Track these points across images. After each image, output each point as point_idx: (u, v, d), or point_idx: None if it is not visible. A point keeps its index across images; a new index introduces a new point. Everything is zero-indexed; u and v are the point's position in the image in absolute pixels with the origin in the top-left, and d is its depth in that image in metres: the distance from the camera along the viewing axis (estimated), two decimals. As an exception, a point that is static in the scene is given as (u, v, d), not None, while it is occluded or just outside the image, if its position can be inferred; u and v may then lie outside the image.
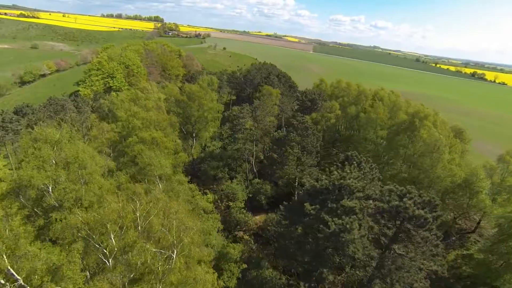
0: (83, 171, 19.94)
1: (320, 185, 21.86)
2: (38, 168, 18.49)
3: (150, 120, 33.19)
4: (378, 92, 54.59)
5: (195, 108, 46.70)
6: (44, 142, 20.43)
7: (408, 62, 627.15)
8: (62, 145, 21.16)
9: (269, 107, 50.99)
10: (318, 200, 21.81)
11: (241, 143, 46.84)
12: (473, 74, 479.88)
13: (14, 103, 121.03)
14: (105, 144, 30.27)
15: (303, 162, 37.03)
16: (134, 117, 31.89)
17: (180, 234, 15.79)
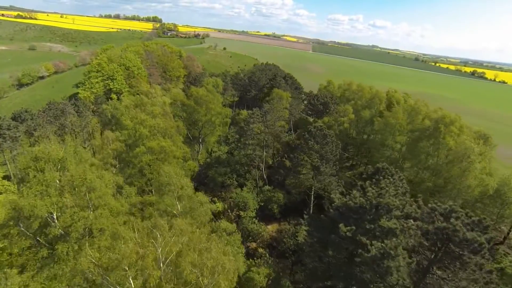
0: (92, 194, 17.71)
1: (354, 203, 19.73)
2: (41, 194, 16.21)
3: (158, 128, 30.97)
4: (393, 95, 52.46)
5: (202, 113, 44.46)
6: (46, 161, 18.18)
7: (408, 61, 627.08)
8: (67, 163, 18.91)
9: (280, 111, 48.81)
10: (352, 220, 19.69)
11: (251, 149, 44.63)
12: (473, 73, 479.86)
13: (12, 106, 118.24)
14: (111, 155, 28.09)
15: (321, 172, 34.86)
16: (141, 125, 29.68)
17: (215, 276, 13.42)
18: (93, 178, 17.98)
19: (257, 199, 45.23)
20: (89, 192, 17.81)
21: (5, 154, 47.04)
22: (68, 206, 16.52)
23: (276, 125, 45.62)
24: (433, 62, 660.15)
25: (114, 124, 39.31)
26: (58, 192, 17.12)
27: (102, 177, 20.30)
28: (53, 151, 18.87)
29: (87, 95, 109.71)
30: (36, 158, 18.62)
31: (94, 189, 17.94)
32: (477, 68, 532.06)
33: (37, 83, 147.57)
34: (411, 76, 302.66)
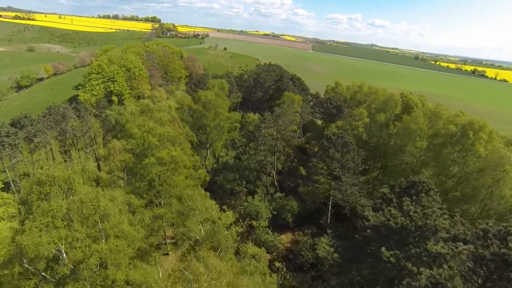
0: (105, 223, 15.58)
1: (395, 223, 17.70)
2: (46, 227, 14.08)
3: (167, 136, 28.88)
4: (410, 98, 50.34)
5: (210, 118, 42.33)
6: (51, 184, 16.05)
7: (407, 60, 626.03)
8: (74, 185, 16.78)
9: (291, 115, 46.70)
10: (393, 242, 17.68)
11: (262, 156, 42.53)
12: (473, 71, 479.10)
13: (11, 109, 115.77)
14: (119, 167, 26.00)
15: (343, 182, 32.77)
16: (149, 133, 27.58)
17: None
18: (106, 204, 15.79)
19: (270, 208, 43.17)
20: (102, 221, 15.66)
21: (4, 162, 44.83)
22: (78, 239, 14.40)
23: (288, 130, 43.56)
24: (433, 61, 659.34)
25: (119, 131, 37.15)
26: (66, 223, 14.95)
27: (114, 198, 18.16)
28: (59, 172, 16.70)
29: (88, 98, 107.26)
30: (40, 182, 16.42)
31: (108, 217, 15.81)
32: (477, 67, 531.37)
33: (36, 85, 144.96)
34: (412, 75, 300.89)
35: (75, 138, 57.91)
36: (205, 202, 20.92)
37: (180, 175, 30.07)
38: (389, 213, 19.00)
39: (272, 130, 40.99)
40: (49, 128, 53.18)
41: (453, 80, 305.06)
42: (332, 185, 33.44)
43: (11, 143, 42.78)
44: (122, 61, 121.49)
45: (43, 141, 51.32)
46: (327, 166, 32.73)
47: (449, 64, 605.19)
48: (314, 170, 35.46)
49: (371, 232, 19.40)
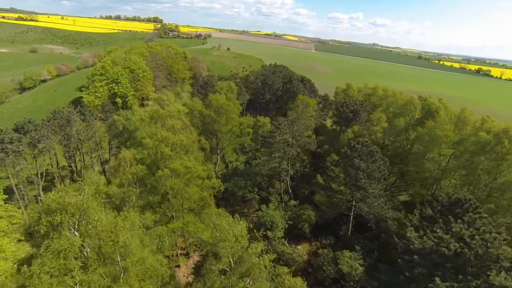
0: (127, 260, 13.60)
1: (448, 249, 15.69)
2: (58, 271, 12.20)
3: (181, 145, 26.93)
4: (432, 102, 48.02)
5: (222, 123, 40.36)
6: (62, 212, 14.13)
7: (411, 59, 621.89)
8: (89, 213, 14.77)
9: (306, 119, 44.64)
10: (446, 270, 15.65)
11: (276, 162, 40.51)
12: (478, 70, 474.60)
13: (14, 112, 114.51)
14: (132, 180, 24.09)
15: (370, 194, 30.66)
16: (162, 142, 25.64)
17: None
18: (127, 238, 13.82)
19: (285, 217, 41.17)
20: (123, 259, 13.72)
21: (8, 169, 43.13)
22: (95, 282, 12.45)
23: (303, 136, 41.52)
24: (436, 60, 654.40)
25: (127, 138, 35.25)
26: (81, 262, 13.06)
27: (133, 224, 16.26)
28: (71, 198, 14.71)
29: (91, 100, 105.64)
30: (49, 210, 14.48)
31: (129, 253, 13.87)
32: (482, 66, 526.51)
33: (39, 86, 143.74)
34: (418, 75, 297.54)
35: (79, 143, 56.20)
36: (233, 229, 18.94)
37: (194, 186, 28.15)
38: (437, 236, 16.95)
39: (287, 136, 38.98)
40: (53, 133, 51.53)
41: (459, 80, 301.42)
42: (356, 196, 31.33)
43: (15, 149, 41.06)
44: (125, 62, 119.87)
45: (48, 146, 49.62)
46: (351, 176, 30.66)
47: (453, 64, 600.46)
48: (336, 180, 33.35)
49: (417, 256, 17.35)
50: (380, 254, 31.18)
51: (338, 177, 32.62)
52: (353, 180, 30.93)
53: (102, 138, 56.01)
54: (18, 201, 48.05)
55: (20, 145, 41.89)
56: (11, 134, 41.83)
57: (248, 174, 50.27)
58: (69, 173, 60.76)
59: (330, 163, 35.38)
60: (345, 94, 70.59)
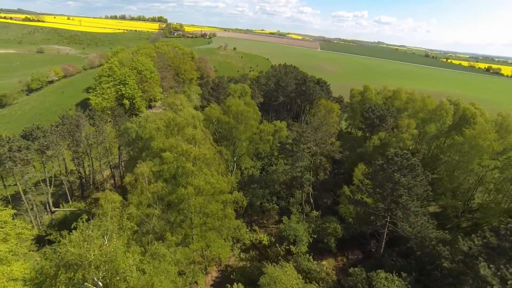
0: None
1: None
2: None
3: (204, 159, 24.40)
4: (468, 108, 44.56)
5: (241, 130, 37.75)
6: (85, 267, 11.84)
7: (418, 58, 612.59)
8: (118, 264, 12.38)
9: (329, 126, 41.77)
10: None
11: (299, 172, 37.80)
12: (487, 69, 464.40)
13: (22, 114, 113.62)
14: (151, 199, 21.68)
15: (412, 212, 27.74)
16: (183, 156, 23.14)
17: None
18: None
19: (309, 230, 38.49)
20: None
21: (17, 177, 41.19)
22: None
23: (327, 144, 38.71)
24: (444, 59, 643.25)
25: (141, 147, 32.85)
26: None
27: (168, 273, 13.94)
28: (95, 251, 12.30)
29: (99, 102, 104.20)
30: (69, 264, 12.11)
31: None
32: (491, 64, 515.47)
33: (47, 88, 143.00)
34: (428, 74, 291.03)
35: (88, 148, 54.23)
36: (288, 278, 16.41)
37: (217, 203, 25.64)
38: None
39: (311, 145, 36.24)
40: (62, 138, 49.59)
41: (471, 79, 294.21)
42: (398, 215, 28.20)
43: (23, 158, 39.04)
44: (133, 63, 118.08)
45: (57, 153, 47.68)
46: (387, 191, 27.82)
47: (461, 62, 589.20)
48: (371, 194, 30.41)
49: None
50: (419, 274, 28.40)
51: (374, 192, 29.72)
52: (391, 196, 28.05)
53: (112, 143, 53.94)
54: (27, 210, 46.29)
55: (29, 153, 39.89)
56: (19, 141, 39.85)
57: (266, 182, 47.69)
58: (78, 178, 58.90)
59: (363, 176, 32.51)
60: (363, 96, 67.42)
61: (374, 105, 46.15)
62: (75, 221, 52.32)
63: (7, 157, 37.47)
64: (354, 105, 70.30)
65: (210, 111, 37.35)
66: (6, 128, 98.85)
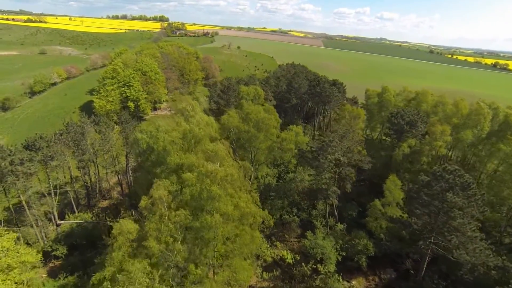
0: None
1: None
2: None
3: (231, 181, 21.24)
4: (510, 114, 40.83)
5: (261, 139, 34.59)
6: None
7: (423, 54, 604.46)
8: None
9: (354, 133, 38.39)
10: None
11: (324, 184, 34.61)
12: (494, 64, 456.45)
13: (25, 117, 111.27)
14: (173, 230, 18.61)
15: (467, 237, 24.40)
16: (207, 177, 20.05)
17: None
18: None
19: (336, 247, 35.35)
20: None
21: (20, 191, 38.33)
22: None
23: (354, 153, 35.48)
24: (449, 55, 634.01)
25: (154, 161, 29.79)
26: None
27: None
28: None
29: (103, 104, 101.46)
30: None
31: None
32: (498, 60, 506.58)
33: (50, 90, 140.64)
34: (436, 71, 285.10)
35: (94, 157, 51.42)
36: None
37: (245, 227, 22.56)
38: None
39: (338, 155, 33.05)
40: (67, 147, 46.74)
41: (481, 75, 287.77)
42: (453, 241, 24.53)
43: (26, 171, 36.19)
44: (137, 64, 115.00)
45: (61, 163, 44.84)
46: (433, 210, 24.58)
47: (467, 58, 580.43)
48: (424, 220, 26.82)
49: None
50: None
51: (412, 208, 26.39)
52: (438, 215, 24.74)
53: (119, 151, 51.07)
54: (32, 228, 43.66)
55: (32, 166, 37.02)
56: (22, 153, 37.00)
57: (285, 192, 44.58)
58: (84, 187, 56.10)
59: (401, 191, 29.28)
60: (380, 98, 63.76)
61: (403, 110, 42.53)
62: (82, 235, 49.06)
63: (9, 171, 34.65)
64: (371, 107, 66.77)
65: (228, 120, 34.17)
66: (9, 133, 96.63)
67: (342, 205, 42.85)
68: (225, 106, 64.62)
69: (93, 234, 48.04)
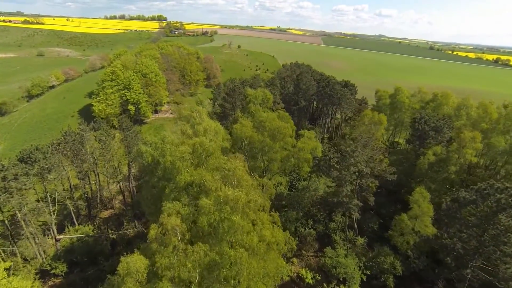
0: None
1: None
2: None
3: (254, 207, 18.38)
4: None
5: (276, 149, 31.67)
6: None
7: (423, 51, 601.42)
8: None
9: (376, 141, 35.40)
10: None
11: (345, 197, 31.73)
12: (496, 60, 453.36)
13: (22, 123, 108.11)
14: (191, 269, 15.74)
15: None
16: (226, 204, 17.12)
17: None
18: None
19: (359, 264, 32.55)
20: None
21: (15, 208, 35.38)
22: None
23: (376, 162, 32.59)
24: (449, 51, 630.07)
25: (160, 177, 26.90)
26: None
27: None
28: None
29: (102, 108, 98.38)
30: None
31: None
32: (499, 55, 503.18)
33: (48, 93, 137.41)
34: (438, 68, 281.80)
35: (95, 166, 48.52)
36: None
37: (271, 255, 19.70)
38: None
39: (362, 166, 30.16)
40: (65, 157, 43.81)
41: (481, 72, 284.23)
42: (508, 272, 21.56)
43: (19, 187, 33.26)
44: (137, 66, 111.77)
45: (60, 175, 41.91)
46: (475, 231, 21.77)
47: (468, 54, 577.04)
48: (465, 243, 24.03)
49: None
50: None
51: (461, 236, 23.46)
52: (483, 237, 21.85)
53: (121, 161, 48.14)
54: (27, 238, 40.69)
55: (27, 181, 34.08)
56: (16, 168, 34.04)
57: (299, 202, 41.71)
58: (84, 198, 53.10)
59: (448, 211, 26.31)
60: (393, 99, 60.73)
61: (427, 115, 39.45)
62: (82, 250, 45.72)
63: (2, 187, 31.75)
64: (383, 109, 63.78)
65: (241, 130, 31.16)
66: (6, 139, 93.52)
67: (361, 216, 39.99)
68: (231, 110, 61.62)
69: (95, 249, 45.15)
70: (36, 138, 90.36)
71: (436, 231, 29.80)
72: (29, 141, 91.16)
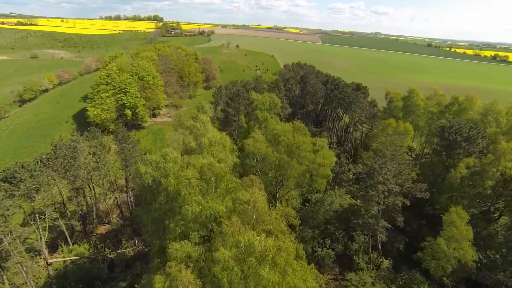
0: None
1: None
2: None
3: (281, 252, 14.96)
4: None
5: (293, 166, 27.94)
6: None
7: (421, 48, 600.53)
8: None
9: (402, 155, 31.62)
10: None
11: (371, 218, 28.12)
12: (494, 57, 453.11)
13: (14, 129, 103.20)
14: None
15: None
16: (250, 255, 13.47)
17: None
18: None
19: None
20: None
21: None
22: None
23: (404, 178, 29.00)
24: (447, 48, 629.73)
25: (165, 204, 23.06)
26: None
27: None
28: None
29: (98, 113, 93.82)
30: None
31: None
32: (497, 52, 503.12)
33: (41, 97, 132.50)
34: (438, 65, 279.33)
35: (90, 180, 44.46)
36: None
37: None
38: None
39: (392, 185, 26.61)
40: (56, 172, 39.64)
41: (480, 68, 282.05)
42: None
43: (2, 213, 29.23)
44: (133, 68, 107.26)
45: (49, 195, 37.85)
46: None
47: (465, 50, 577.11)
48: None
49: None
50: None
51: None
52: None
53: (118, 175, 44.15)
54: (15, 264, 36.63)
55: (11, 206, 30.02)
56: (-3, 190, 29.97)
57: (314, 218, 38.07)
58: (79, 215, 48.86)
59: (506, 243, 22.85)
60: (407, 102, 57.13)
61: (457, 123, 35.62)
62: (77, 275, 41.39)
63: (-20, 215, 27.73)
64: (395, 112, 60.22)
65: (254, 146, 27.38)
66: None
67: (385, 235, 36.36)
68: (234, 115, 57.66)
69: (91, 273, 41.12)
70: (28, 146, 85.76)
71: (476, 256, 26.24)
72: (21, 149, 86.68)
